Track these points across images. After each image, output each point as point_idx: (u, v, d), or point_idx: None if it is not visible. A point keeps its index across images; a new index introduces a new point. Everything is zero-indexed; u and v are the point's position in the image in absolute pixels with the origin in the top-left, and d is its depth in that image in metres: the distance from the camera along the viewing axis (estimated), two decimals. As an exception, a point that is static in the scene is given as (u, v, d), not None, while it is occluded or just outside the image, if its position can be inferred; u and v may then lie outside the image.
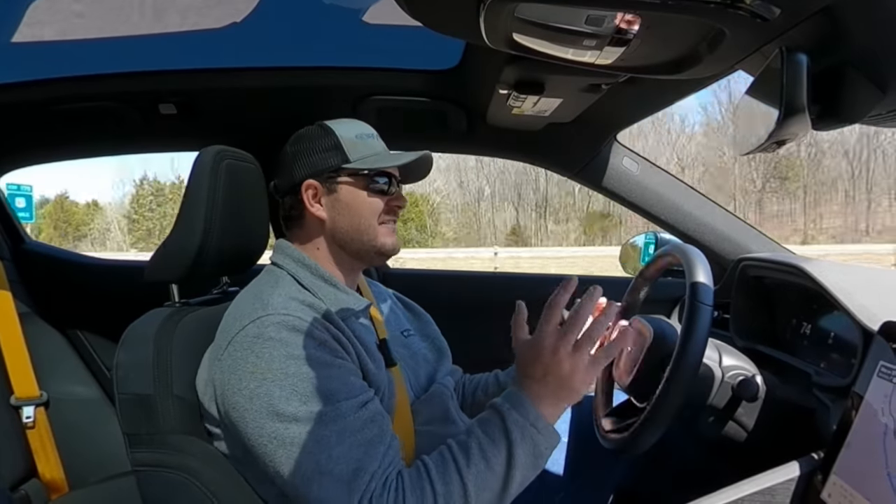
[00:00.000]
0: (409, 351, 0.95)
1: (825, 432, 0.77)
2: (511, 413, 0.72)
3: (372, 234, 0.88)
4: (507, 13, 0.52)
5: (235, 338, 0.75)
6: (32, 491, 1.23)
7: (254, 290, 0.84)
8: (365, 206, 0.88)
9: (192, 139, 1.41)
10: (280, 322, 0.74)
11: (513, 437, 0.70)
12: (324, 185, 0.88)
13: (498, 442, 0.71)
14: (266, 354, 0.72)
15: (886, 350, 0.64)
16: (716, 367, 0.85)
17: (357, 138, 0.89)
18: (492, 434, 0.71)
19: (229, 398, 0.73)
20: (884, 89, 0.49)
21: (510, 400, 0.73)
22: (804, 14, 0.48)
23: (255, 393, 0.71)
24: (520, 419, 0.71)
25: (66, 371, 1.42)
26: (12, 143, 1.43)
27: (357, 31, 1.20)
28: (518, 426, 0.71)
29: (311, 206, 0.87)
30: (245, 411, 0.71)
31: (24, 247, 1.59)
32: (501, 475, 0.70)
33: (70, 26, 1.19)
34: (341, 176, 0.88)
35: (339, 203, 0.88)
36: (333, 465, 0.67)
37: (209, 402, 0.79)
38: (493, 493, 0.70)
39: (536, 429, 0.71)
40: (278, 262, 0.88)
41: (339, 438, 0.69)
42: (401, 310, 1.05)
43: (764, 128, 0.51)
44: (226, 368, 0.74)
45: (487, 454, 0.70)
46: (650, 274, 1.05)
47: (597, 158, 1.35)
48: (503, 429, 0.71)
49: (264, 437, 0.70)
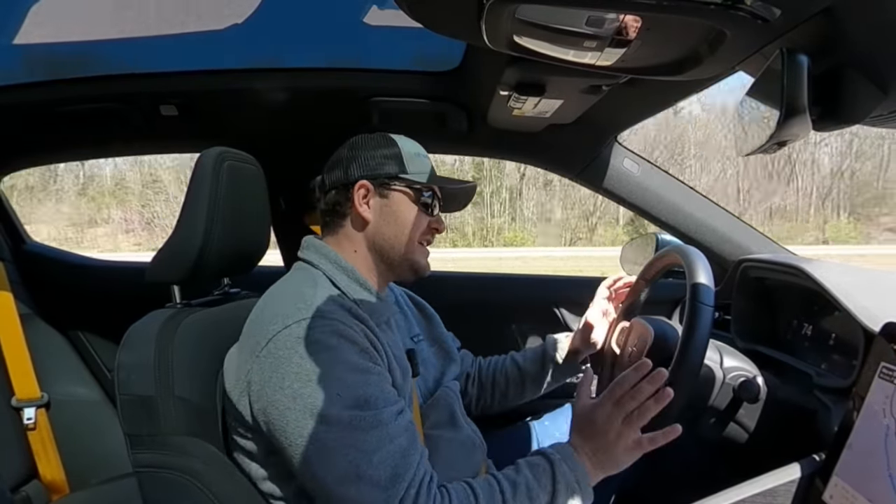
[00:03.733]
0: (419, 357, 0.95)
1: (826, 433, 0.77)
2: (561, 465, 0.76)
3: (411, 247, 0.89)
4: (507, 15, 0.52)
5: (278, 336, 0.74)
6: (33, 492, 1.23)
7: (292, 288, 0.83)
8: (411, 219, 0.89)
9: (194, 140, 1.41)
10: (325, 326, 0.75)
11: (558, 486, 0.75)
12: (377, 188, 0.89)
13: (544, 486, 0.75)
14: (312, 357, 0.72)
15: (888, 351, 0.64)
16: (717, 368, 0.85)
17: (416, 155, 0.91)
18: (539, 478, 0.75)
19: (269, 395, 0.73)
20: (885, 90, 0.49)
21: (562, 452, 0.78)
22: (805, 15, 0.48)
23: (300, 393, 0.71)
24: (568, 472, 0.76)
25: (67, 372, 1.42)
26: (13, 144, 1.43)
27: (358, 32, 1.20)
28: (565, 478, 0.75)
29: (359, 206, 0.88)
30: (287, 410, 0.71)
31: (26, 248, 1.60)
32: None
33: (71, 28, 1.19)
34: (395, 184, 0.89)
35: (388, 209, 0.89)
36: (373, 470, 0.69)
37: (239, 398, 0.78)
38: None
39: (580, 486, 0.76)
40: (313, 262, 0.87)
41: (378, 444, 0.70)
42: (412, 311, 1.05)
43: (765, 128, 0.51)
44: (266, 366, 0.74)
45: (532, 495, 0.74)
46: (651, 275, 1.05)
47: (597, 160, 1.35)
48: (551, 476, 0.75)
49: (304, 437, 0.70)
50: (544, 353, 1.10)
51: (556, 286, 1.61)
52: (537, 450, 0.80)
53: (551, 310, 1.52)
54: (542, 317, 1.53)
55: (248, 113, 1.35)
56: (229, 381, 0.80)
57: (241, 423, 0.79)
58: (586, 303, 1.10)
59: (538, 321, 1.53)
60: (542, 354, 1.11)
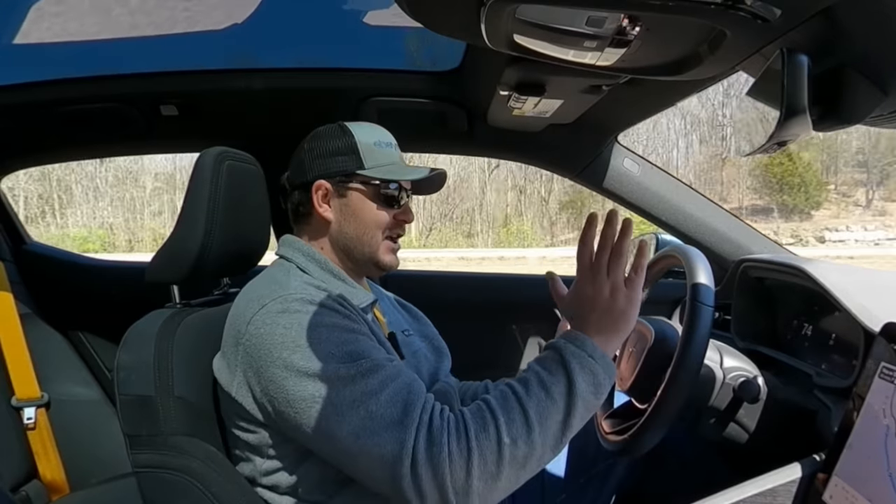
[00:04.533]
0: (409, 350, 0.95)
1: (826, 434, 0.77)
2: (568, 346, 0.72)
3: (374, 246, 0.88)
4: (507, 15, 0.52)
5: (256, 316, 0.74)
6: (33, 492, 1.23)
7: (266, 278, 0.83)
8: (371, 217, 0.88)
9: (194, 140, 1.41)
10: (302, 297, 0.75)
11: (571, 366, 0.70)
12: (335, 187, 0.88)
13: (556, 373, 0.71)
14: (295, 324, 0.72)
15: (888, 351, 0.64)
16: (717, 368, 0.85)
17: (375, 145, 0.88)
18: (550, 367, 0.71)
19: (264, 373, 0.72)
20: (885, 90, 0.49)
21: (566, 336, 0.74)
22: (805, 15, 0.48)
23: (290, 360, 0.70)
24: (577, 350, 0.72)
25: (67, 372, 1.42)
26: (14, 144, 1.43)
27: (358, 32, 1.20)
28: (576, 357, 0.71)
29: (319, 207, 0.87)
30: (285, 380, 0.71)
31: (26, 248, 1.60)
32: (563, 404, 0.69)
33: (71, 28, 1.19)
34: (353, 181, 0.87)
35: (347, 209, 0.88)
36: (384, 409, 0.67)
37: (240, 390, 0.77)
38: (557, 423, 0.69)
39: (594, 359, 0.71)
40: (287, 256, 0.88)
41: (381, 385, 0.69)
42: (400, 311, 1.05)
43: (765, 129, 0.51)
44: (252, 347, 0.73)
45: (547, 384, 0.70)
46: (651, 275, 1.04)
47: (598, 159, 1.35)
48: (561, 361, 0.71)
49: (308, 399, 0.69)
50: None
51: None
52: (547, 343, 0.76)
53: (551, 310, 1.52)
54: (542, 317, 1.52)
55: (249, 113, 1.35)
56: (224, 380, 0.80)
57: (243, 418, 0.79)
58: None
59: (538, 321, 1.53)
60: None
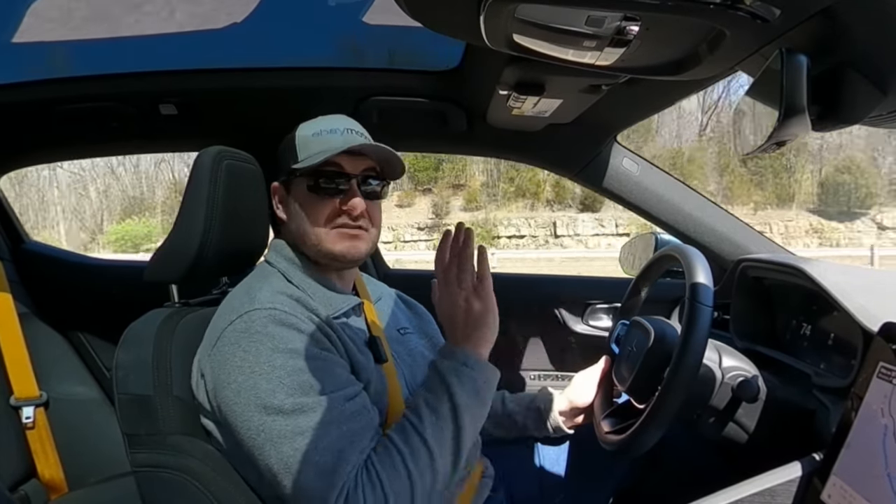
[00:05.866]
0: (405, 348, 0.95)
1: (825, 433, 0.77)
2: (443, 362, 0.78)
3: (315, 239, 0.85)
4: (507, 14, 0.52)
5: (223, 333, 0.76)
6: (32, 491, 1.22)
7: (244, 287, 0.85)
8: (309, 209, 0.85)
9: (193, 139, 1.41)
10: (267, 316, 0.75)
11: (449, 381, 0.76)
12: (283, 187, 0.89)
13: (439, 392, 0.76)
14: (253, 349, 0.73)
15: (886, 351, 0.64)
16: (716, 368, 0.85)
17: (313, 136, 0.85)
18: (433, 388, 0.77)
19: (219, 393, 0.74)
20: (884, 90, 0.49)
21: (441, 352, 0.81)
22: (804, 15, 0.48)
23: (243, 387, 0.72)
24: (451, 364, 0.77)
25: (66, 371, 1.42)
26: (13, 143, 1.43)
27: (357, 31, 1.20)
28: (452, 371, 0.77)
29: (276, 209, 0.90)
30: (234, 405, 0.72)
31: (24, 247, 1.59)
32: (451, 420, 0.74)
33: (70, 27, 1.19)
34: (292, 178, 0.87)
35: (293, 206, 0.88)
36: (319, 455, 0.68)
37: (202, 397, 0.79)
38: (450, 440, 0.74)
39: (468, 366, 0.77)
40: (270, 260, 0.89)
41: (324, 430, 0.69)
42: (401, 308, 1.05)
43: (764, 128, 0.51)
44: (216, 364, 0.75)
45: (433, 406, 0.75)
46: (650, 275, 1.05)
47: (597, 159, 1.35)
48: (440, 379, 0.77)
49: (252, 430, 0.71)
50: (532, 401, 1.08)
51: (556, 286, 1.61)
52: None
53: (551, 310, 1.52)
54: (542, 317, 1.53)
55: (248, 112, 1.35)
56: (193, 384, 0.81)
57: (210, 421, 0.80)
58: (586, 303, 1.10)
59: (538, 321, 1.53)
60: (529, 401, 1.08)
